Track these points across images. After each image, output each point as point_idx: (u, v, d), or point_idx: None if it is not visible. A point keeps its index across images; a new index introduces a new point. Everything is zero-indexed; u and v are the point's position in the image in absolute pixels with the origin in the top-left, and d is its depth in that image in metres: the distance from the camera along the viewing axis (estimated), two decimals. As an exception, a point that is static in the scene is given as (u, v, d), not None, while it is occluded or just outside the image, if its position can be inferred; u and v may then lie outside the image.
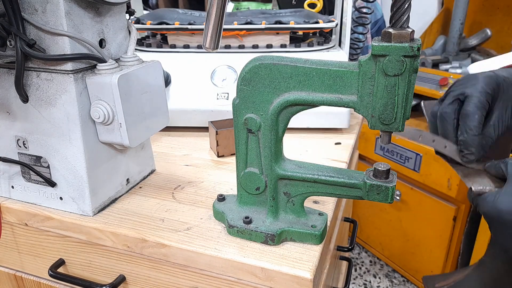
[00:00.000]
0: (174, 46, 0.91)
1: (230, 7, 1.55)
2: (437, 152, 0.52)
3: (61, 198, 0.58)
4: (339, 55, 0.89)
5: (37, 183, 0.59)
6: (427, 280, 0.56)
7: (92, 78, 0.52)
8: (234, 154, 0.75)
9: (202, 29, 0.87)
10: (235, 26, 0.87)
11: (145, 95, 0.57)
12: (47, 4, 0.48)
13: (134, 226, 0.55)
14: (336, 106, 0.45)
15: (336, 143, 0.80)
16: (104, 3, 0.52)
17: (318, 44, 0.91)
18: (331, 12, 1.12)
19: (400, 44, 0.39)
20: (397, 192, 1.62)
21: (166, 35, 0.93)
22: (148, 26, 0.89)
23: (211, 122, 0.76)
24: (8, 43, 0.51)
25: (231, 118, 0.76)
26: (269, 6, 1.59)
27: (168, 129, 0.77)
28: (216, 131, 0.72)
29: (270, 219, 0.52)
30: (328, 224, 0.54)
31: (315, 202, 0.60)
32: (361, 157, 1.75)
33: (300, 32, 1.00)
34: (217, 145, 0.73)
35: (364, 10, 0.96)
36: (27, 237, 0.63)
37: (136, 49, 0.90)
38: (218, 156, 0.75)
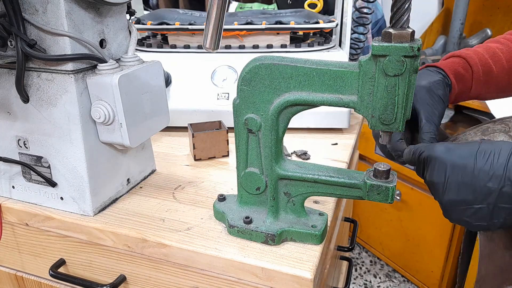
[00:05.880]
0: (175, 46, 0.91)
1: (233, 6, 1.55)
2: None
3: (61, 198, 0.58)
4: (339, 55, 0.89)
5: (38, 183, 0.59)
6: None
7: (93, 78, 0.52)
8: (211, 158, 0.75)
9: (202, 29, 0.87)
10: (236, 26, 0.87)
11: (145, 95, 0.57)
12: (47, 5, 0.48)
13: (134, 226, 0.55)
14: (336, 106, 0.45)
15: (333, 144, 0.80)
16: (105, 4, 0.52)
17: (319, 44, 0.91)
18: (331, 12, 1.12)
19: (400, 44, 0.39)
20: (397, 192, 1.62)
21: (166, 35, 0.93)
22: (148, 26, 0.89)
23: (190, 124, 0.75)
24: (8, 43, 0.51)
25: (211, 121, 0.76)
26: (271, 7, 1.59)
27: (169, 129, 0.77)
28: (193, 134, 0.72)
29: (270, 219, 0.52)
30: (328, 224, 0.54)
31: (315, 202, 0.60)
32: (361, 157, 1.75)
33: (301, 32, 1.00)
34: (194, 148, 0.73)
35: (365, 10, 0.96)
36: (28, 237, 0.63)
37: (136, 49, 0.90)
38: (195, 160, 0.74)
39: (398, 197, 1.62)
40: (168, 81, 0.83)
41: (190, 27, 0.87)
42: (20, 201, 0.61)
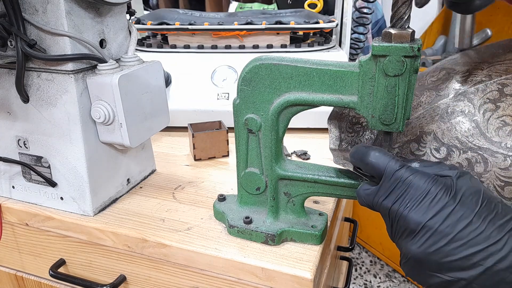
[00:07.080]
0: (175, 46, 0.91)
1: (233, 6, 1.55)
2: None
3: (61, 198, 0.58)
4: (339, 55, 0.89)
5: (38, 183, 0.59)
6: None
7: (93, 78, 0.52)
8: (211, 158, 0.74)
9: (202, 30, 0.87)
10: (236, 26, 0.87)
11: (145, 95, 0.57)
12: (47, 4, 0.48)
13: (134, 226, 0.55)
14: (337, 106, 0.45)
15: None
16: (105, 4, 0.52)
17: (319, 44, 0.91)
18: (331, 12, 1.12)
19: (400, 44, 0.39)
20: (398, 192, 1.61)
21: (166, 35, 0.93)
22: (148, 26, 0.89)
23: (190, 124, 0.75)
24: (8, 43, 0.51)
25: (211, 121, 0.76)
26: (271, 7, 1.59)
27: (169, 129, 0.77)
28: (193, 134, 0.72)
29: (270, 219, 0.52)
30: (328, 224, 0.54)
31: (315, 202, 0.60)
32: (361, 157, 1.75)
33: (301, 32, 1.00)
34: (194, 148, 0.73)
35: (365, 10, 0.97)
36: (28, 237, 0.63)
37: (136, 49, 0.90)
38: (195, 160, 0.74)
39: (398, 197, 1.62)
40: (168, 81, 0.83)
41: (190, 27, 0.87)
42: (20, 201, 0.61)
